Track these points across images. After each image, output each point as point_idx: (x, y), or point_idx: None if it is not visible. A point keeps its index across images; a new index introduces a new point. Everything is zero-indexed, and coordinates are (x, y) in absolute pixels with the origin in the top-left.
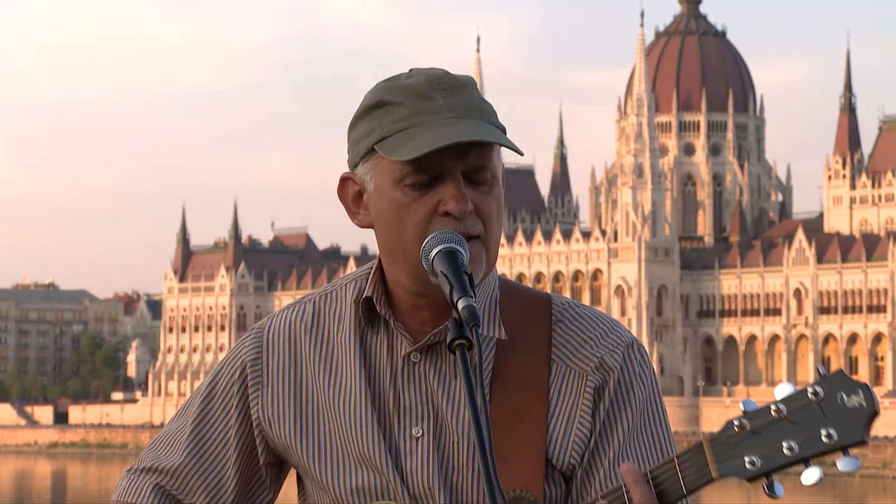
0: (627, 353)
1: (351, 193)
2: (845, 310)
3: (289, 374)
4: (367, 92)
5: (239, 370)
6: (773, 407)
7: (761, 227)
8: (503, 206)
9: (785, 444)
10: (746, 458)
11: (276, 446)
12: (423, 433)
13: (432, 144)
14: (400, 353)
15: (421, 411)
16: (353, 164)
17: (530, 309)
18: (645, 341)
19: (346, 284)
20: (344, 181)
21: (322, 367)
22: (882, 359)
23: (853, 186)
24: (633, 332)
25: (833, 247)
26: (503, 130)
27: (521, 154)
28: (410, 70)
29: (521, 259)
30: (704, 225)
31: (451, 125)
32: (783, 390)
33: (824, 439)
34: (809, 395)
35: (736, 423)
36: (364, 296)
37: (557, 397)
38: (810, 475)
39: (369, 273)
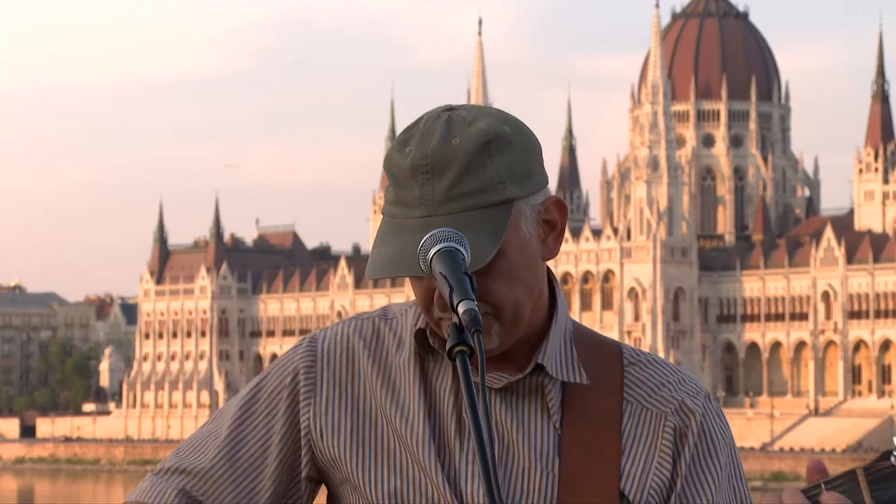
0: (707, 402)
1: None
2: (877, 314)
3: (346, 386)
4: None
5: (291, 376)
6: None
7: (786, 225)
8: (525, 265)
9: None
10: None
11: (323, 458)
12: None
13: (375, 273)
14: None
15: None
16: None
17: (601, 349)
18: (660, 348)
19: (406, 310)
20: None
21: (383, 385)
22: None
23: (886, 180)
24: (648, 338)
25: (864, 246)
26: (508, 200)
27: (484, 264)
28: (427, 120)
29: None
30: (725, 222)
31: (409, 235)
32: None
33: None
34: None
35: (893, 456)
36: (417, 327)
37: (634, 436)
38: None
39: None
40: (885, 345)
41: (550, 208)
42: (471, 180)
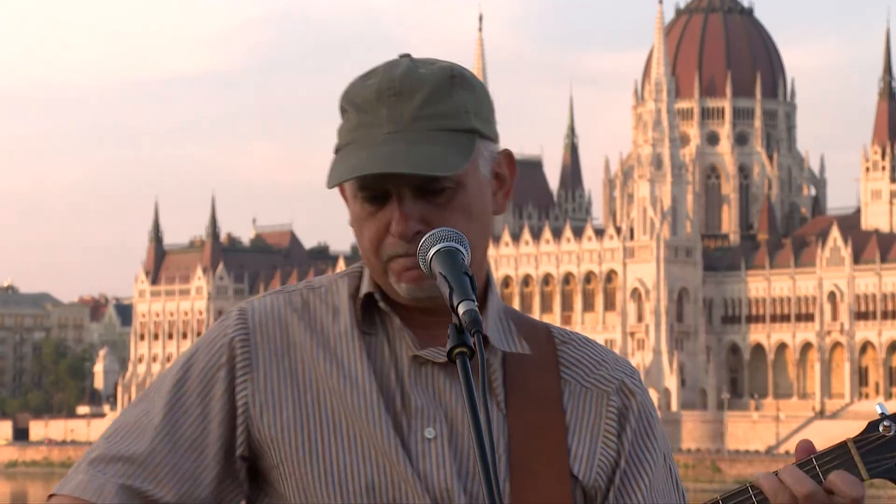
0: (642, 383)
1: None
2: (885, 315)
3: (283, 359)
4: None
5: (226, 350)
6: None
7: (792, 224)
8: (482, 209)
9: None
10: None
11: (261, 436)
12: (435, 434)
13: (343, 175)
14: (402, 354)
15: (432, 413)
16: None
17: (532, 329)
18: (664, 349)
19: (336, 281)
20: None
21: (324, 356)
22: None
23: (893, 179)
24: (651, 339)
25: (871, 245)
26: (472, 131)
27: (451, 175)
28: (389, 62)
29: (527, 259)
30: (729, 222)
31: (379, 147)
32: None
33: None
34: None
35: (885, 424)
36: (365, 291)
37: (577, 416)
38: None
39: (361, 270)
40: (893, 346)
41: (502, 161)
42: (439, 104)
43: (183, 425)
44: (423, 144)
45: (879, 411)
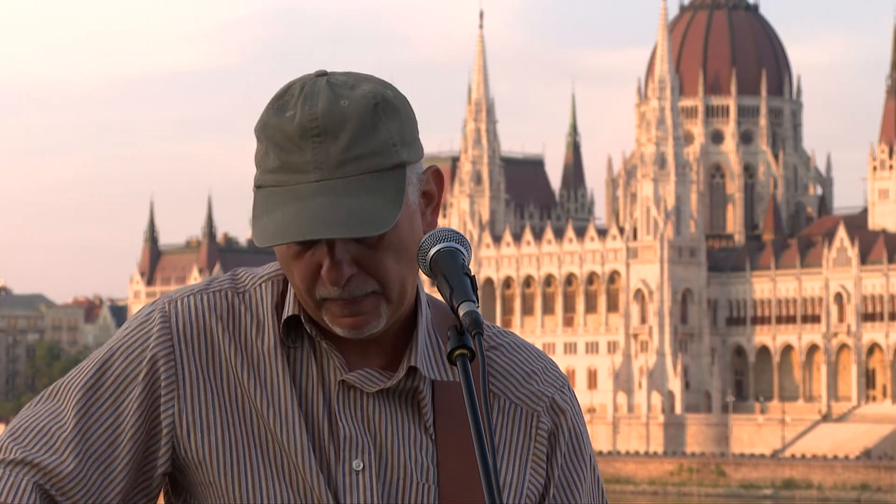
0: (572, 395)
1: None
2: (892, 316)
3: (210, 377)
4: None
5: (148, 365)
6: None
7: (798, 224)
8: (411, 239)
9: None
10: None
11: (187, 457)
12: (364, 466)
13: (275, 238)
14: (331, 375)
15: (361, 442)
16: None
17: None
18: (668, 352)
19: (260, 284)
20: None
21: (249, 375)
22: None
23: None
24: (655, 341)
25: (878, 246)
26: (400, 165)
27: (375, 234)
28: (303, 85)
29: (528, 260)
30: (734, 222)
31: (307, 201)
32: None
33: None
34: None
35: None
36: (288, 314)
37: (507, 437)
38: None
39: (281, 274)
40: None
41: (430, 179)
42: (366, 142)
43: (93, 435)
44: (353, 197)
45: None
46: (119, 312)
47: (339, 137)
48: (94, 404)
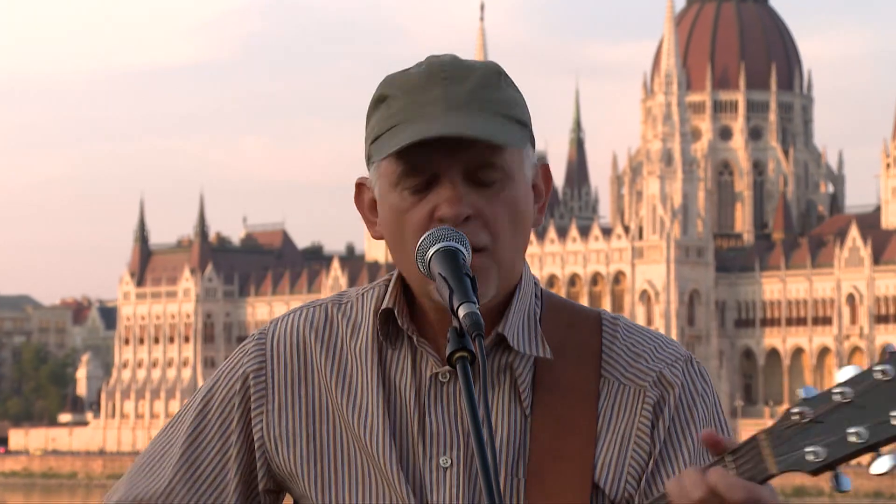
0: (687, 369)
1: (367, 201)
2: None
3: (299, 389)
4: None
5: (240, 381)
6: (835, 391)
7: (809, 223)
8: (527, 210)
9: (851, 431)
10: (808, 450)
11: (280, 471)
12: (451, 463)
13: (402, 141)
14: (426, 373)
15: (450, 438)
16: (368, 167)
17: (577, 320)
18: None
19: (363, 294)
20: (359, 187)
21: (337, 382)
22: None
23: None
24: None
25: (892, 245)
26: (525, 125)
27: (519, 147)
28: (427, 58)
29: (530, 260)
30: (743, 220)
31: (439, 118)
32: (847, 372)
33: (894, 422)
34: (877, 375)
35: (795, 411)
36: (384, 307)
37: (611, 416)
38: (881, 464)
39: (389, 281)
40: None
41: (539, 173)
42: (492, 93)
43: (203, 462)
44: (486, 118)
45: (802, 395)
46: (108, 314)
47: (466, 82)
48: (202, 431)
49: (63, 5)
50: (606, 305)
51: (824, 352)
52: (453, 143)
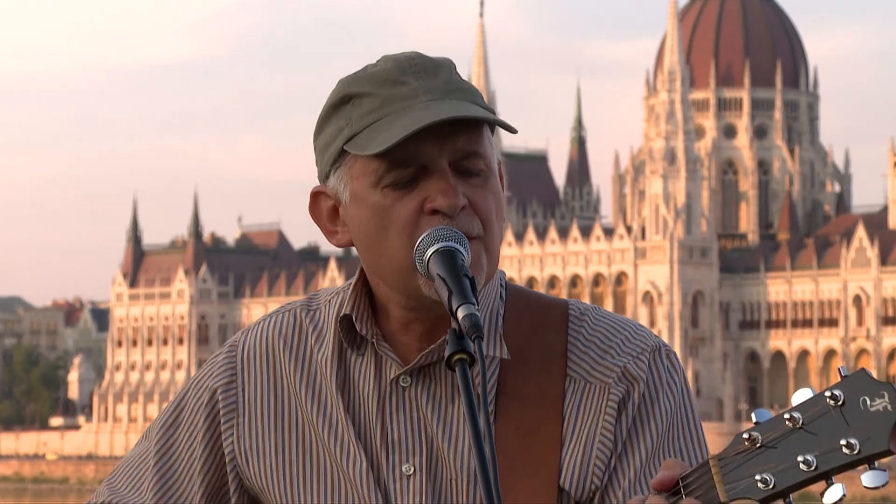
0: (654, 360)
1: (325, 210)
2: None
3: (269, 400)
4: (331, 91)
5: (207, 396)
6: (786, 416)
7: (815, 223)
8: (503, 202)
9: (801, 458)
10: (758, 477)
11: (252, 485)
12: (414, 470)
13: (410, 128)
14: (388, 378)
15: (412, 445)
16: (325, 175)
17: (543, 316)
18: (678, 357)
19: (330, 299)
20: (315, 196)
21: (306, 391)
22: None
23: None
24: None
25: None
26: (493, 112)
27: (514, 132)
28: (379, 58)
29: (531, 260)
30: (748, 220)
31: (430, 107)
32: (801, 396)
33: (845, 450)
34: (828, 400)
35: (745, 436)
36: (344, 313)
37: (575, 417)
38: (832, 493)
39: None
40: None
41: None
42: (461, 82)
43: (174, 476)
44: (471, 105)
45: (754, 419)
46: (100, 316)
47: (439, 74)
48: (173, 443)
49: (56, 3)
50: (608, 307)
51: (830, 354)
52: (440, 133)
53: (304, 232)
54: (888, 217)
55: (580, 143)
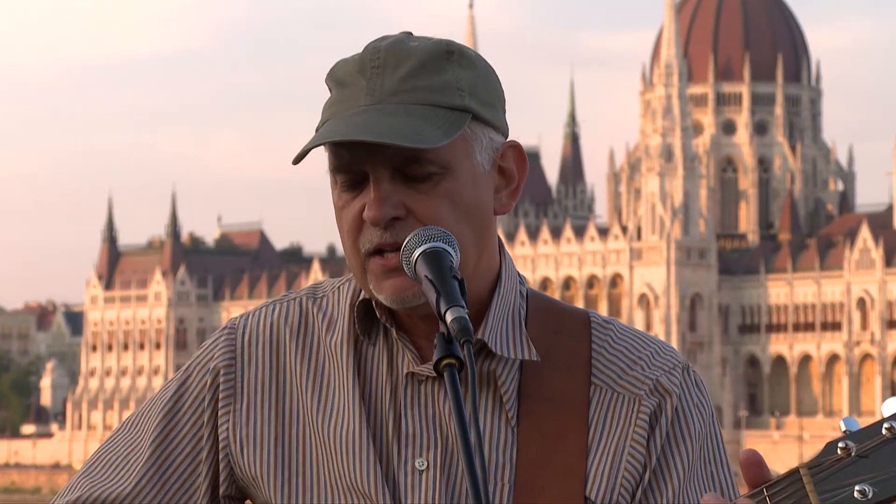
0: (685, 377)
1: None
2: None
3: (270, 390)
4: None
5: (211, 377)
6: (885, 425)
7: (817, 223)
8: (476, 200)
9: None
10: (857, 488)
11: (244, 475)
12: (427, 465)
13: (306, 145)
14: (402, 370)
15: (426, 439)
16: None
17: (565, 322)
18: None
19: (338, 287)
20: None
21: (310, 383)
22: None
23: None
24: None
25: None
26: (465, 110)
27: (432, 146)
28: (382, 36)
29: (523, 261)
30: (748, 220)
31: (350, 118)
32: (893, 405)
33: None
34: None
35: (840, 445)
36: (361, 299)
37: (603, 426)
38: None
39: None
40: None
41: (507, 154)
42: (426, 78)
43: (174, 462)
44: (399, 117)
45: (843, 428)
46: (74, 319)
47: (399, 69)
48: (173, 429)
49: None
50: (603, 310)
51: (833, 359)
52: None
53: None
54: (893, 217)
55: (573, 140)
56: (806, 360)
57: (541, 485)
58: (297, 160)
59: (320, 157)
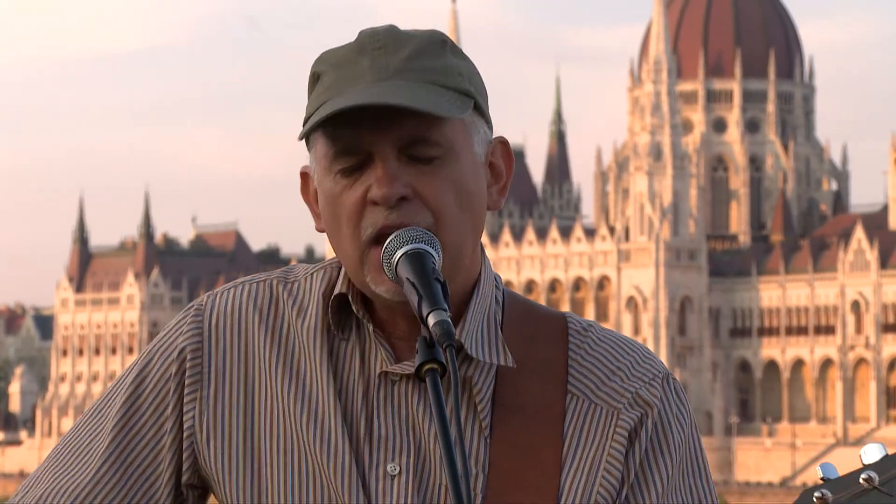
0: (665, 387)
1: (313, 192)
2: None
3: (238, 376)
4: None
5: (177, 362)
6: (862, 475)
7: (810, 224)
8: (476, 189)
9: None
10: None
11: (207, 466)
12: (400, 470)
13: (314, 118)
14: (375, 368)
15: (399, 443)
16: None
17: (542, 327)
18: None
19: (312, 273)
20: (303, 177)
21: (281, 370)
22: None
23: None
24: None
25: None
26: (468, 95)
27: (454, 117)
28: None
29: (507, 263)
30: (739, 220)
31: (365, 90)
32: (873, 453)
33: None
34: None
35: (816, 494)
36: (337, 292)
37: (578, 439)
38: None
39: (339, 265)
40: None
41: (498, 151)
42: (429, 59)
43: (135, 450)
44: (413, 89)
45: (821, 475)
46: (44, 322)
47: (401, 51)
48: (134, 414)
49: None
50: (590, 313)
51: (827, 363)
52: (384, 118)
53: (262, 232)
54: (888, 217)
55: (559, 138)
56: (799, 364)
57: (512, 497)
58: (303, 136)
59: (297, 155)
